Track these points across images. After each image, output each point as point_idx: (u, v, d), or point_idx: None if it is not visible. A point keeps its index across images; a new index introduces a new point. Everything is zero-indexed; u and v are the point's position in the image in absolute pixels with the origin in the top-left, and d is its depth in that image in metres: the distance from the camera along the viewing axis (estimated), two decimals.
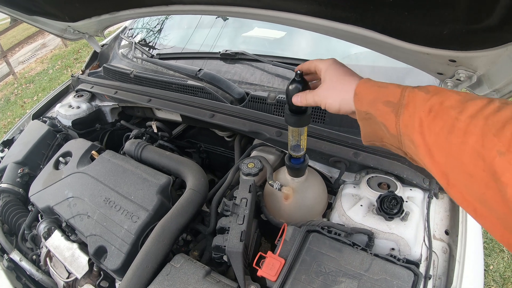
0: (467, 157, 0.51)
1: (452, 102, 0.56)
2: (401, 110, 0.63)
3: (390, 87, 0.67)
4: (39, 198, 1.49)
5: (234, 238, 1.06)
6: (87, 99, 2.09)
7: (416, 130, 0.60)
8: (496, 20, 0.63)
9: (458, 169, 0.53)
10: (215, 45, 2.09)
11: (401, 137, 0.64)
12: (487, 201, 0.49)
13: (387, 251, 1.09)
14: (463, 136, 0.52)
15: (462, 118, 0.53)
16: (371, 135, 0.74)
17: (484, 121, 0.50)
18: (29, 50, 10.27)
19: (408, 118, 0.61)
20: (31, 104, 6.68)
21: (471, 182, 0.51)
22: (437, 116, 0.57)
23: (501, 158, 0.46)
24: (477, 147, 0.49)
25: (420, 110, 0.59)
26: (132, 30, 2.61)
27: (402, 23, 0.79)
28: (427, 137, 0.58)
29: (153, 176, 1.38)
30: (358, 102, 0.71)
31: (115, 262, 1.18)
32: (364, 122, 0.73)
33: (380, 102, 0.66)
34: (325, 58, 0.83)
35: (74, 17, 1.81)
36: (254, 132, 1.45)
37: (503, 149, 0.46)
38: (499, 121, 0.49)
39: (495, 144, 0.47)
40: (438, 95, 0.59)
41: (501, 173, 0.46)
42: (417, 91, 0.62)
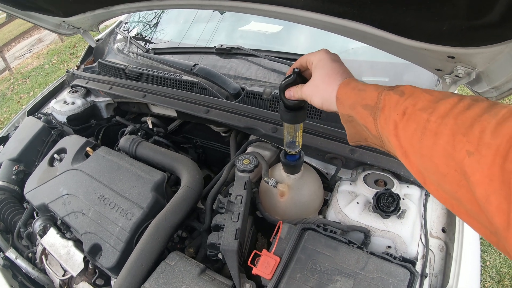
0: (439, 158, 0.51)
1: (424, 103, 0.57)
2: (378, 113, 0.63)
3: (369, 90, 0.67)
4: (34, 196, 1.49)
5: (228, 236, 1.05)
6: (82, 94, 2.08)
7: (392, 133, 0.60)
8: (497, 17, 0.62)
9: (431, 169, 0.54)
10: (211, 40, 2.06)
11: (382, 138, 0.65)
12: (460, 199, 0.50)
13: (383, 249, 1.08)
14: (434, 137, 0.52)
15: (433, 119, 0.53)
16: (356, 136, 0.75)
17: (454, 121, 0.51)
18: (25, 45, 10.19)
19: (384, 121, 0.62)
20: (27, 100, 6.64)
21: (444, 181, 0.52)
22: (410, 119, 0.57)
23: (470, 158, 0.46)
24: (448, 147, 0.50)
25: (394, 113, 0.60)
26: (127, 24, 2.58)
27: (401, 19, 0.78)
28: (402, 139, 0.59)
29: (147, 173, 1.37)
30: (340, 106, 0.72)
31: (110, 260, 1.18)
32: (348, 124, 0.74)
33: (360, 106, 0.67)
34: (317, 51, 0.82)
35: (68, 12, 1.79)
36: (250, 128, 1.44)
37: (472, 148, 0.47)
38: (468, 119, 0.49)
39: (464, 144, 0.48)
40: (411, 97, 0.59)
41: (471, 173, 0.46)
42: (392, 94, 0.63)
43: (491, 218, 0.44)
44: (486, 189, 0.44)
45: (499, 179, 0.43)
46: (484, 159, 0.45)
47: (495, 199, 0.43)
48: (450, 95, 0.56)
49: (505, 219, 0.42)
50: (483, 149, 0.45)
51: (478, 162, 0.45)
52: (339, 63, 0.79)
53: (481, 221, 0.48)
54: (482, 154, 0.45)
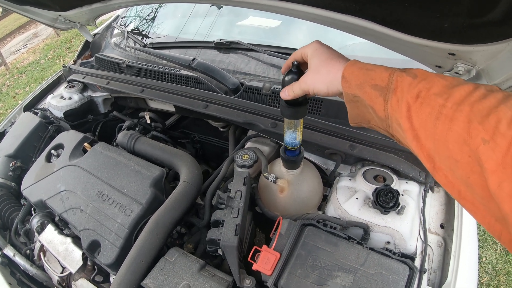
0: (453, 143, 0.53)
1: (439, 88, 0.57)
2: (389, 94, 0.63)
3: (378, 70, 0.67)
4: (32, 192, 1.47)
5: (228, 232, 1.04)
6: (79, 89, 2.06)
7: (404, 115, 0.60)
8: (499, 15, 0.62)
9: (444, 154, 0.55)
10: (209, 34, 2.05)
11: (389, 121, 0.65)
12: (471, 184, 0.51)
13: (382, 245, 1.09)
14: (449, 123, 0.53)
15: (449, 105, 0.54)
16: (359, 117, 0.75)
17: (470, 108, 0.52)
18: (21, 40, 10.09)
19: (396, 103, 0.62)
20: (23, 95, 6.59)
21: (457, 166, 0.53)
22: (424, 102, 0.58)
23: (485, 146, 0.48)
24: (463, 133, 0.51)
25: (407, 95, 0.60)
26: (125, 18, 2.56)
27: (403, 15, 0.77)
28: (415, 122, 0.59)
29: (146, 168, 1.36)
30: (346, 85, 0.71)
31: (109, 256, 1.17)
32: (352, 105, 0.73)
33: (368, 86, 0.66)
34: (309, 43, 0.82)
35: (64, 6, 1.76)
36: (249, 123, 1.43)
37: (487, 137, 0.48)
38: (484, 109, 0.50)
39: (480, 132, 0.49)
40: (425, 80, 0.60)
41: (485, 160, 0.48)
42: (405, 75, 0.63)
43: (501, 204, 0.45)
44: (499, 176, 0.46)
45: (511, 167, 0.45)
46: (499, 148, 0.46)
47: (507, 185, 0.45)
48: (464, 82, 0.57)
49: None
50: (498, 138, 0.47)
51: (493, 150, 0.47)
52: (335, 50, 0.79)
53: (489, 207, 0.49)
54: (497, 142, 0.47)
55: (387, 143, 1.21)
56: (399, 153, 1.21)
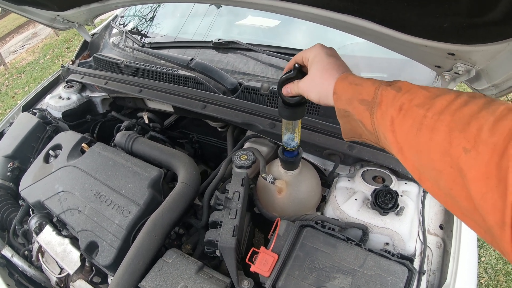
0: (435, 154, 0.52)
1: (421, 99, 0.57)
2: (375, 108, 0.63)
3: (365, 84, 0.67)
4: (30, 193, 1.47)
5: (226, 233, 1.04)
6: (77, 90, 2.05)
7: (388, 129, 0.60)
8: (499, 14, 0.61)
9: (427, 166, 0.54)
10: (208, 34, 2.04)
11: (377, 134, 0.65)
12: (454, 196, 0.50)
13: (381, 246, 1.08)
14: (430, 133, 0.52)
15: (430, 115, 0.53)
16: (351, 132, 0.74)
17: (451, 117, 0.51)
18: (20, 40, 10.08)
19: (380, 116, 0.62)
20: (22, 95, 6.58)
21: (440, 177, 0.51)
22: (406, 114, 0.57)
23: (466, 155, 0.46)
24: (444, 143, 0.50)
25: (391, 109, 0.60)
26: (123, 18, 2.55)
27: (402, 15, 0.76)
28: (398, 135, 0.59)
29: (144, 169, 1.35)
30: (337, 100, 0.71)
31: (107, 257, 1.17)
32: (344, 120, 0.73)
33: (356, 100, 0.67)
34: (312, 46, 0.82)
35: (63, 6, 1.76)
36: (247, 123, 1.43)
37: (469, 146, 0.46)
38: (465, 116, 0.49)
39: (461, 141, 0.48)
40: (408, 92, 0.59)
41: (467, 170, 0.46)
42: (389, 89, 0.62)
43: (485, 216, 0.44)
44: (482, 187, 0.44)
45: (495, 177, 0.43)
46: (480, 157, 0.45)
47: (490, 197, 0.43)
48: (447, 92, 0.55)
49: (499, 217, 0.42)
50: (480, 146, 0.45)
51: (475, 159, 0.45)
52: (336, 57, 0.78)
53: (475, 219, 0.48)
54: (479, 151, 0.45)
55: None
56: None
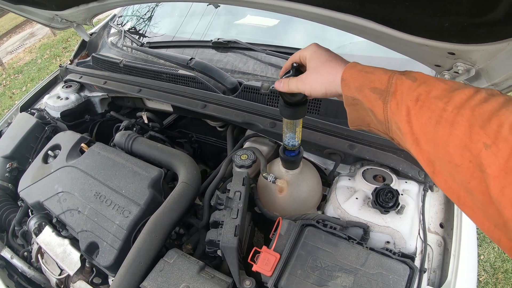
0: (454, 148, 0.52)
1: (439, 91, 0.56)
2: (389, 97, 0.62)
3: (377, 73, 0.66)
4: (29, 194, 1.46)
5: (228, 233, 1.04)
6: (76, 89, 2.05)
7: (404, 119, 0.60)
8: (500, 14, 0.61)
9: (444, 159, 0.54)
10: (206, 33, 2.04)
11: (389, 124, 0.64)
12: (471, 190, 0.50)
13: (382, 244, 1.08)
14: (450, 127, 0.52)
15: (449, 109, 0.53)
16: (358, 120, 0.74)
17: (471, 112, 0.51)
18: (17, 40, 10.03)
19: (395, 106, 0.61)
20: (20, 95, 6.56)
21: (457, 171, 0.52)
22: (424, 106, 0.57)
23: (487, 150, 0.47)
24: (464, 138, 0.50)
25: (407, 99, 0.59)
26: (121, 17, 2.55)
27: (403, 14, 0.77)
28: (414, 126, 0.58)
29: (144, 169, 1.35)
30: (346, 87, 0.70)
31: (108, 258, 1.16)
32: (351, 108, 0.72)
33: (367, 89, 0.65)
34: (307, 46, 0.82)
35: (61, 5, 1.75)
36: (248, 123, 1.43)
37: (489, 141, 0.47)
38: (486, 113, 0.49)
39: (482, 137, 0.48)
40: (425, 84, 0.59)
41: (487, 165, 0.47)
42: (404, 78, 0.62)
43: (503, 210, 0.45)
44: (502, 182, 0.45)
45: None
46: (501, 153, 0.46)
47: (509, 191, 0.44)
48: (464, 86, 0.56)
49: None
50: (500, 142, 0.46)
51: (495, 155, 0.46)
52: (333, 52, 0.79)
53: (488, 214, 0.48)
54: (500, 147, 0.46)
55: (386, 143, 1.21)
56: (398, 153, 1.20)
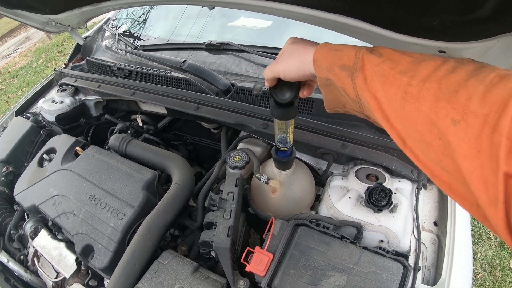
0: (422, 125, 0.49)
1: (404, 66, 0.54)
2: (356, 73, 0.60)
3: (346, 49, 0.64)
4: (24, 197, 1.46)
5: (221, 234, 1.04)
6: (71, 93, 2.05)
7: (371, 95, 0.57)
8: (489, 11, 0.62)
9: (414, 136, 0.51)
10: (200, 36, 2.04)
11: (360, 101, 0.62)
12: (446, 168, 0.47)
13: (376, 243, 1.09)
14: (416, 102, 0.49)
15: (414, 83, 0.50)
16: (334, 101, 0.72)
17: (437, 85, 0.47)
18: (12, 44, 10.00)
19: (362, 82, 0.59)
20: (16, 99, 6.53)
21: (428, 149, 0.49)
22: (387, 82, 0.54)
23: (455, 127, 0.43)
24: (431, 114, 0.47)
25: (373, 75, 0.57)
26: (116, 21, 2.55)
27: (392, 14, 0.77)
28: (383, 103, 0.55)
29: (138, 171, 1.35)
30: (318, 68, 0.68)
31: (103, 260, 1.17)
32: (326, 89, 0.70)
33: (337, 66, 0.63)
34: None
35: (55, 9, 1.75)
36: (240, 124, 1.43)
37: (457, 117, 0.43)
38: (453, 84, 0.46)
39: (449, 112, 0.45)
40: (390, 60, 0.56)
41: (456, 143, 0.43)
42: (369, 54, 0.59)
43: (476, 192, 0.42)
44: (473, 162, 0.42)
45: (487, 151, 0.40)
46: (470, 129, 0.42)
47: (481, 172, 0.41)
48: (432, 57, 0.53)
49: (492, 193, 0.40)
50: (469, 117, 0.42)
51: (465, 132, 0.42)
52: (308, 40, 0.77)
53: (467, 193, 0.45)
54: (469, 123, 0.42)
55: (379, 142, 1.21)
56: (391, 152, 1.21)
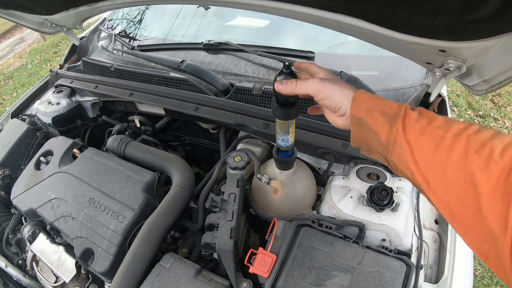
0: (451, 169, 0.59)
1: (439, 122, 0.64)
2: (397, 120, 0.69)
3: (388, 100, 0.73)
4: (22, 201, 1.45)
5: (224, 236, 1.04)
6: (67, 94, 2.03)
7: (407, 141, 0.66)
8: (490, 11, 0.62)
9: (440, 179, 0.61)
10: (197, 36, 2.03)
11: (390, 146, 0.70)
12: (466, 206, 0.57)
13: (378, 242, 1.09)
14: (448, 151, 0.60)
15: (448, 136, 0.61)
16: (361, 139, 0.78)
17: (467, 140, 0.59)
18: (7, 45, 9.92)
19: (401, 130, 0.68)
20: (11, 101, 6.48)
21: (452, 190, 0.59)
22: (424, 133, 0.64)
23: (480, 172, 0.54)
24: (461, 161, 0.58)
25: (412, 126, 0.67)
26: (111, 21, 2.53)
27: (394, 13, 0.77)
28: (414, 150, 0.65)
29: (137, 173, 1.34)
30: (355, 107, 0.75)
31: (103, 264, 1.15)
32: (356, 127, 0.77)
33: (377, 111, 0.72)
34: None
35: (50, 10, 1.73)
36: (240, 124, 1.42)
37: (482, 164, 0.55)
38: (479, 141, 0.57)
39: (476, 160, 0.56)
40: (427, 117, 0.67)
41: (480, 184, 0.54)
42: (410, 110, 0.69)
43: (490, 222, 0.52)
44: (491, 198, 0.52)
45: (502, 190, 0.51)
46: (492, 174, 0.53)
47: (497, 205, 0.51)
48: (460, 120, 0.65)
49: (503, 222, 0.50)
50: (492, 165, 0.54)
51: (487, 176, 0.53)
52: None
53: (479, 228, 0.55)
54: (491, 169, 0.53)
55: None
56: None
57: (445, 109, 1.40)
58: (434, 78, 1.08)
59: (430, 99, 1.32)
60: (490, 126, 3.86)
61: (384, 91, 1.43)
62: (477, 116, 4.06)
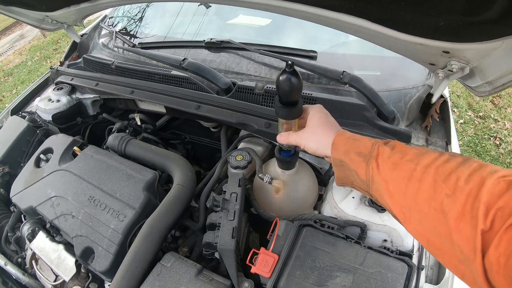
0: (422, 199, 0.63)
1: (411, 156, 0.70)
2: (371, 160, 0.75)
3: (363, 140, 0.80)
4: (21, 199, 1.44)
5: (225, 235, 1.03)
6: (67, 91, 2.01)
7: (381, 178, 0.72)
8: (495, 13, 0.62)
9: (414, 209, 0.65)
10: (198, 34, 2.03)
11: (369, 182, 0.76)
12: (439, 233, 0.60)
13: (379, 243, 1.09)
14: (419, 183, 0.65)
15: (418, 168, 0.66)
16: (344, 178, 0.85)
17: (435, 171, 0.63)
18: (6, 42, 9.88)
19: (376, 167, 0.74)
20: (10, 98, 6.46)
21: (425, 218, 0.63)
22: (397, 168, 0.70)
23: (447, 199, 0.59)
24: (430, 191, 0.62)
25: (385, 163, 0.72)
26: (112, 18, 2.52)
27: (398, 13, 0.76)
28: (390, 184, 0.70)
29: (138, 172, 1.33)
30: (335, 151, 0.83)
31: (103, 263, 1.15)
32: (339, 168, 0.84)
33: (353, 152, 0.79)
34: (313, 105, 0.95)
35: (51, 6, 1.72)
36: (242, 123, 1.41)
37: (449, 192, 0.59)
38: (447, 170, 0.62)
39: (443, 189, 0.60)
40: (400, 152, 0.72)
41: (448, 211, 0.58)
42: (383, 146, 0.75)
43: (462, 246, 0.55)
44: (459, 223, 0.56)
45: (469, 214, 0.55)
46: (458, 200, 0.57)
47: (465, 229, 0.54)
48: (431, 151, 0.70)
49: (472, 245, 0.53)
50: (457, 192, 0.58)
51: (454, 202, 0.57)
52: (332, 118, 0.92)
53: (453, 251, 0.58)
54: (457, 196, 0.58)
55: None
56: None
57: (447, 110, 1.40)
58: (436, 79, 1.07)
59: (432, 100, 1.31)
60: (490, 127, 3.87)
61: (386, 91, 1.43)
62: (477, 117, 4.06)
